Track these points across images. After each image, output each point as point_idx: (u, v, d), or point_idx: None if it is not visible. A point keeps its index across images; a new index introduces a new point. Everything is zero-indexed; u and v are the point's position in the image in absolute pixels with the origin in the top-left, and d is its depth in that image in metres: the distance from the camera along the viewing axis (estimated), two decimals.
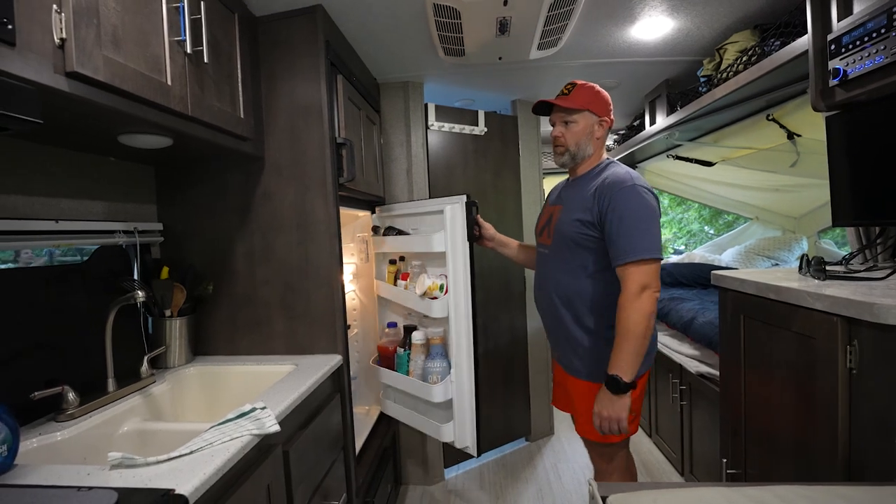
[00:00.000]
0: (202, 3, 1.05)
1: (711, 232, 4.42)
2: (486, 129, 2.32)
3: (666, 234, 4.99)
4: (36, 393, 0.93)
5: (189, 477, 0.70)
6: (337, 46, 1.51)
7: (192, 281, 1.37)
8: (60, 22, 0.73)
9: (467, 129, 2.26)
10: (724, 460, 1.29)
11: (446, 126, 2.19)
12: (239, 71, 1.26)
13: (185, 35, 0.99)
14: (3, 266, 1.07)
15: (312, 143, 1.38)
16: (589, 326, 1.24)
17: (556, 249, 1.29)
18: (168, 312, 1.31)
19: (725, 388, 1.35)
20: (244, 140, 1.28)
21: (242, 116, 1.25)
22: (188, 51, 1.01)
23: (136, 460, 0.75)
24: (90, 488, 0.68)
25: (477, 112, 2.30)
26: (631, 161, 3.37)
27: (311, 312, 1.40)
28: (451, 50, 1.71)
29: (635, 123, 2.80)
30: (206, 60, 1.07)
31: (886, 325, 0.76)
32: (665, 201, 5.02)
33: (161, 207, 1.45)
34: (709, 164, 2.60)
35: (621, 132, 3.06)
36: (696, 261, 3.00)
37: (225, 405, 1.31)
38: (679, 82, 2.24)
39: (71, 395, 0.99)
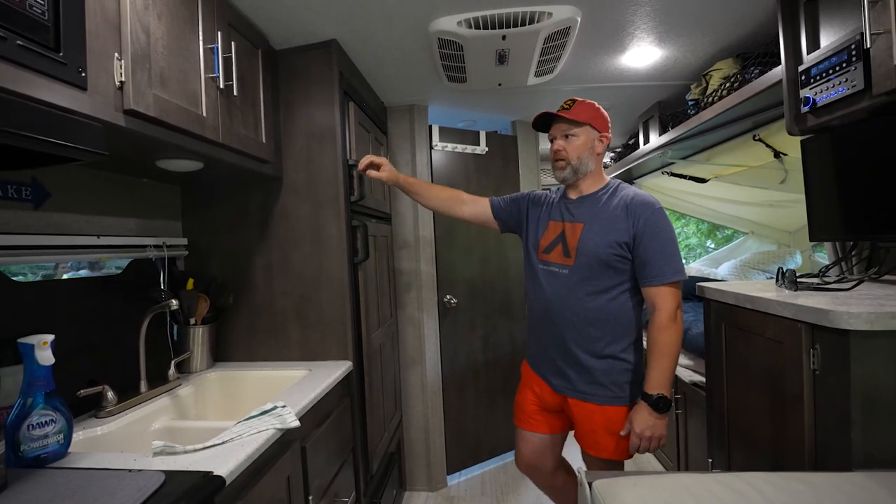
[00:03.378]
0: (232, 42, 1.18)
1: (711, 246, 4.50)
2: (487, 149, 2.44)
3: None
4: (81, 391, 1.04)
5: (224, 462, 0.80)
6: (349, 76, 1.64)
7: (215, 292, 1.48)
8: (121, 67, 0.86)
9: (469, 148, 2.39)
10: (710, 460, 1.36)
11: (449, 146, 2.32)
12: (262, 100, 1.39)
13: (218, 72, 1.12)
14: (34, 278, 1.19)
15: (326, 165, 1.51)
16: (611, 349, 1.22)
17: (581, 270, 1.22)
18: (193, 321, 1.42)
19: (711, 393, 1.43)
20: (265, 163, 1.40)
21: (264, 141, 1.38)
22: (221, 86, 1.14)
23: (176, 448, 0.85)
24: (140, 471, 0.78)
25: (478, 132, 2.43)
26: (628, 177, 3.48)
27: (324, 321, 1.50)
28: (454, 77, 1.85)
29: (630, 142, 2.92)
30: (235, 93, 1.19)
31: (840, 330, 0.86)
32: None
33: (186, 223, 1.57)
34: (702, 180, 2.71)
35: (617, 150, 3.18)
36: (693, 274, 3.08)
37: (243, 406, 1.40)
38: (670, 104, 2.36)
39: (110, 394, 1.10)
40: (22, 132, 0.63)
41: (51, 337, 0.86)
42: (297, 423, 1.00)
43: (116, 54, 0.85)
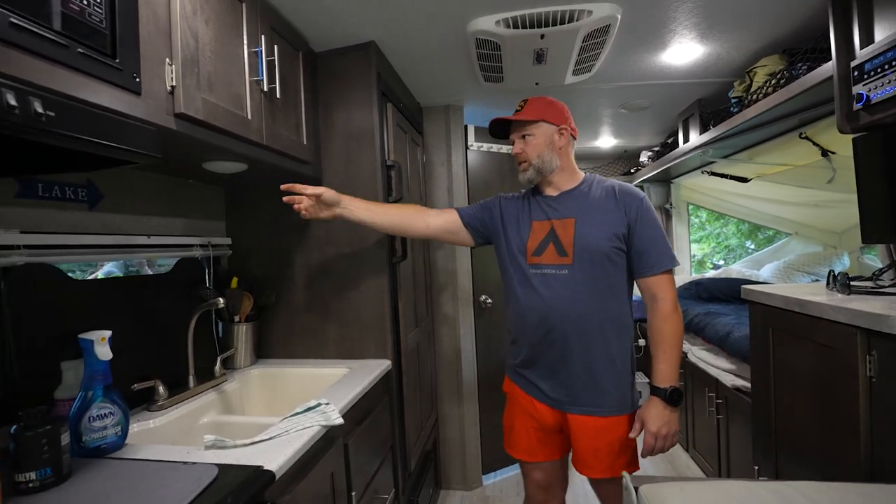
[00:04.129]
0: (275, 46, 1.20)
1: (752, 247, 4.32)
2: None
3: (704, 249, 4.90)
4: (136, 385, 1.08)
5: (273, 457, 0.81)
6: (386, 77, 1.65)
7: (258, 290, 1.51)
8: (172, 72, 0.88)
9: (504, 148, 2.37)
10: (756, 467, 1.30)
11: (485, 146, 2.30)
12: (302, 102, 1.41)
13: (262, 75, 1.15)
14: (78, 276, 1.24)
15: (365, 166, 1.52)
16: (620, 351, 1.16)
17: (583, 267, 1.14)
18: (237, 318, 1.46)
19: (756, 399, 1.37)
20: (306, 164, 1.43)
21: (305, 143, 1.40)
22: (264, 88, 1.16)
23: (227, 442, 0.87)
24: (194, 463, 0.80)
25: None
26: (666, 177, 3.38)
27: (363, 320, 1.52)
28: (491, 77, 1.83)
29: (669, 140, 2.83)
30: (277, 95, 1.22)
31: None
32: (703, 216, 4.94)
33: (229, 223, 1.62)
34: (744, 179, 2.59)
35: (655, 149, 3.08)
36: (734, 276, 2.96)
37: (285, 403, 1.43)
38: (711, 101, 2.27)
39: (161, 389, 1.14)
40: (83, 136, 0.65)
41: (108, 333, 0.90)
42: (340, 421, 1.01)
43: (167, 59, 0.88)
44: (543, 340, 1.18)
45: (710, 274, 3.36)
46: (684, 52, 1.74)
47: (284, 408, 1.41)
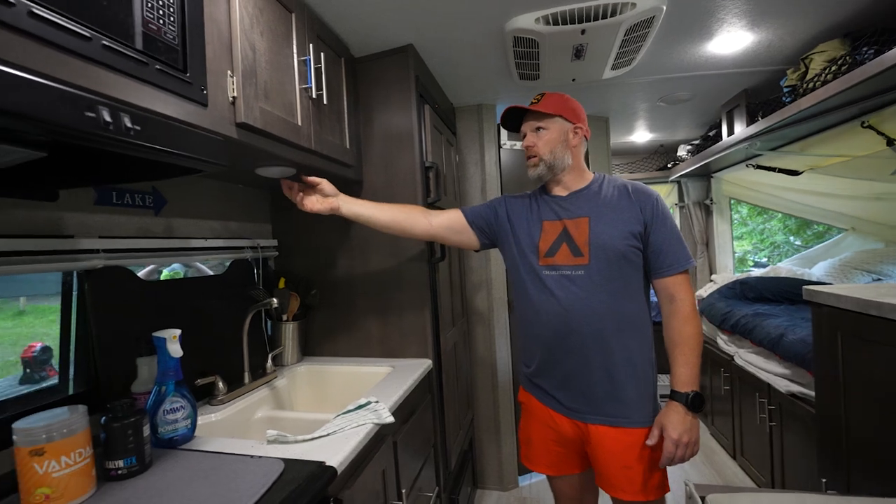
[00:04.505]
0: (322, 54, 1.24)
1: (798, 243, 4.11)
2: None
3: (745, 246, 4.69)
4: (199, 380, 1.14)
5: (334, 453, 0.85)
6: (424, 79, 1.67)
7: (303, 290, 1.57)
8: (233, 83, 0.93)
9: None
10: (824, 480, 1.24)
11: (518, 145, 2.29)
12: (345, 107, 1.45)
13: (311, 82, 1.19)
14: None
15: (404, 168, 1.54)
16: (641, 356, 1.10)
17: (600, 267, 1.08)
18: (285, 317, 1.51)
19: (822, 408, 1.30)
20: (349, 167, 1.46)
21: (348, 146, 1.44)
22: (313, 95, 1.20)
23: (288, 438, 0.91)
24: (260, 457, 0.84)
25: None
26: (706, 171, 3.26)
27: (404, 320, 1.54)
28: (527, 74, 1.82)
29: (711, 133, 2.73)
30: (325, 102, 1.25)
31: None
32: (743, 211, 4.74)
33: (274, 225, 1.68)
34: (795, 172, 2.46)
35: (695, 142, 2.98)
36: (783, 274, 2.82)
37: (331, 399, 1.48)
38: (759, 92, 2.17)
39: (220, 384, 1.20)
40: (163, 147, 0.70)
41: (178, 331, 0.95)
42: (391, 419, 1.03)
43: (229, 71, 0.92)
44: (560, 346, 1.11)
45: (756, 272, 3.21)
46: (732, 40, 1.68)
47: (331, 404, 1.46)
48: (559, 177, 1.18)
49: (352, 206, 1.23)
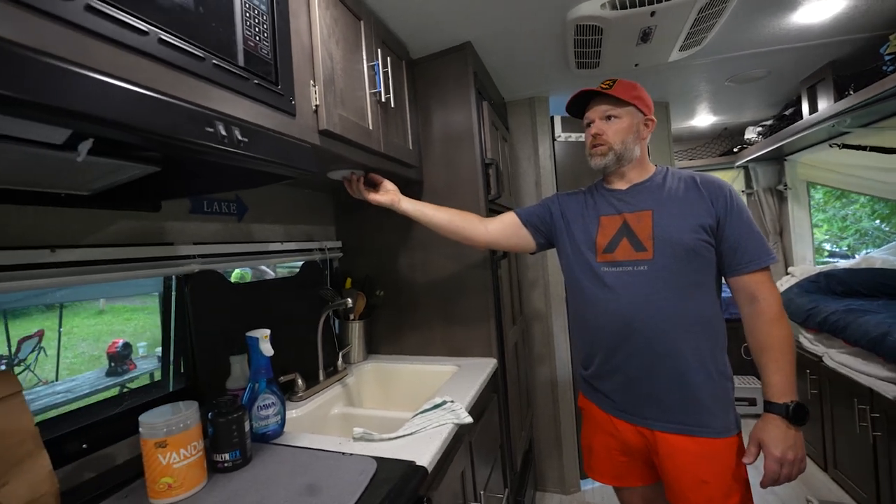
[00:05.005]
0: (388, 58, 1.26)
1: (886, 228, 3.71)
2: None
3: (820, 235, 4.30)
4: (282, 377, 1.20)
5: (422, 453, 0.86)
6: (481, 75, 1.66)
7: (368, 289, 1.61)
8: (315, 92, 0.96)
9: None
10: None
11: (573, 136, 2.23)
12: (407, 108, 1.46)
13: (379, 87, 1.21)
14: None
15: (464, 166, 1.54)
16: (714, 361, 1.01)
17: (665, 262, 1.01)
18: (351, 316, 1.56)
19: None
20: (411, 167, 1.48)
21: (411, 148, 1.45)
22: (381, 99, 1.22)
23: (374, 436, 0.94)
24: (351, 454, 0.87)
25: None
26: (778, 154, 3.02)
27: (467, 318, 1.55)
28: (585, 63, 1.76)
29: (786, 113, 2.52)
30: (392, 105, 1.27)
31: None
32: (818, 195, 4.34)
33: (338, 227, 1.73)
34: (891, 150, 2.22)
35: (766, 123, 2.76)
36: (877, 266, 2.56)
37: (398, 397, 1.51)
38: (848, 63, 1.98)
39: (300, 381, 1.25)
40: (266, 157, 0.73)
41: (269, 331, 1.00)
42: (470, 420, 1.04)
43: (311, 81, 0.95)
44: (623, 347, 1.05)
45: (844, 264, 2.94)
46: (821, 8, 1.53)
47: (398, 402, 1.49)
48: (623, 169, 1.12)
49: (412, 202, 1.26)
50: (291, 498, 0.73)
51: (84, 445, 0.87)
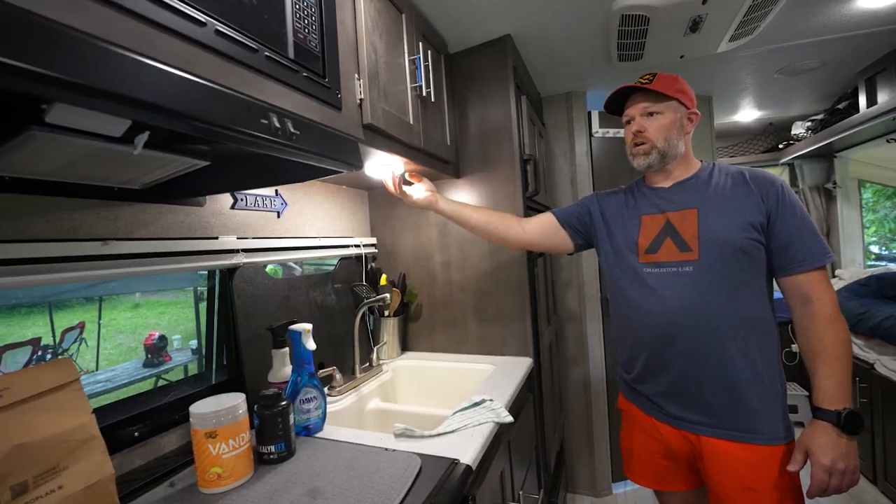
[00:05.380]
0: (429, 52, 1.24)
1: None
2: None
3: (865, 237, 4.06)
4: (320, 371, 1.20)
5: (465, 451, 0.84)
6: (520, 69, 1.62)
7: (402, 286, 1.60)
8: (360, 86, 0.95)
9: None
10: None
11: (611, 132, 2.16)
12: (445, 103, 1.44)
13: (421, 81, 1.19)
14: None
15: (502, 162, 1.51)
16: (764, 365, 0.96)
17: (712, 263, 0.97)
18: (386, 313, 1.56)
19: None
20: (448, 164, 1.46)
21: (448, 143, 1.44)
22: (422, 94, 1.20)
23: (415, 432, 0.93)
24: (394, 450, 0.86)
25: None
26: (828, 151, 2.86)
27: (503, 316, 1.52)
28: (628, 56, 1.70)
29: (839, 106, 2.38)
30: (432, 99, 1.26)
31: None
32: (867, 194, 4.10)
33: (373, 224, 1.73)
34: None
35: (816, 118, 2.62)
36: None
37: (432, 394, 1.50)
38: None
39: (338, 376, 1.26)
40: (317, 151, 0.73)
41: (311, 326, 1.00)
42: (510, 419, 1.01)
43: (356, 74, 0.95)
44: (667, 350, 1.01)
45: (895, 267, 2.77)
46: None
47: (433, 399, 1.48)
48: (668, 167, 1.07)
49: (449, 203, 1.25)
50: (339, 491, 0.73)
51: (136, 434, 0.89)
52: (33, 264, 0.75)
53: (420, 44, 1.21)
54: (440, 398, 1.47)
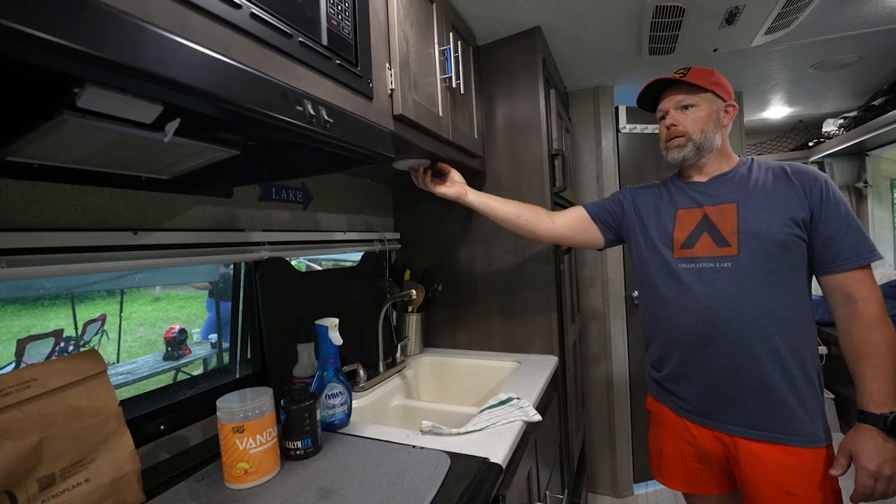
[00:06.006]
0: (458, 43, 1.21)
1: None
2: None
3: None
4: (345, 367, 1.19)
5: (495, 450, 0.82)
6: (549, 62, 1.58)
7: (427, 281, 1.58)
8: (391, 76, 0.93)
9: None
10: None
11: (638, 128, 2.11)
12: (473, 96, 1.42)
13: (450, 72, 1.16)
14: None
15: (530, 156, 1.48)
16: (804, 365, 0.93)
17: (752, 258, 0.94)
18: (410, 308, 1.54)
19: None
20: (475, 157, 1.43)
21: (476, 137, 1.41)
22: (452, 85, 1.18)
23: (442, 429, 0.90)
24: (422, 448, 0.84)
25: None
26: (859, 149, 2.76)
27: (528, 314, 1.49)
28: (659, 49, 1.65)
29: (874, 103, 2.29)
30: (461, 92, 1.23)
31: None
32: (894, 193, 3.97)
33: (396, 218, 1.71)
34: None
35: (850, 115, 2.52)
36: None
37: (455, 391, 1.48)
38: None
39: (362, 372, 1.24)
40: (350, 141, 0.71)
41: (337, 320, 0.99)
42: (538, 417, 0.99)
43: (387, 64, 0.92)
44: (703, 348, 0.98)
45: None
46: None
47: (456, 396, 1.46)
48: (703, 161, 1.05)
49: (478, 195, 1.22)
50: (367, 489, 0.71)
51: (161, 427, 0.88)
52: (63, 253, 0.74)
53: (450, 34, 1.18)
54: (464, 395, 1.45)
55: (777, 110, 2.71)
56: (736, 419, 0.96)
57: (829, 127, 2.68)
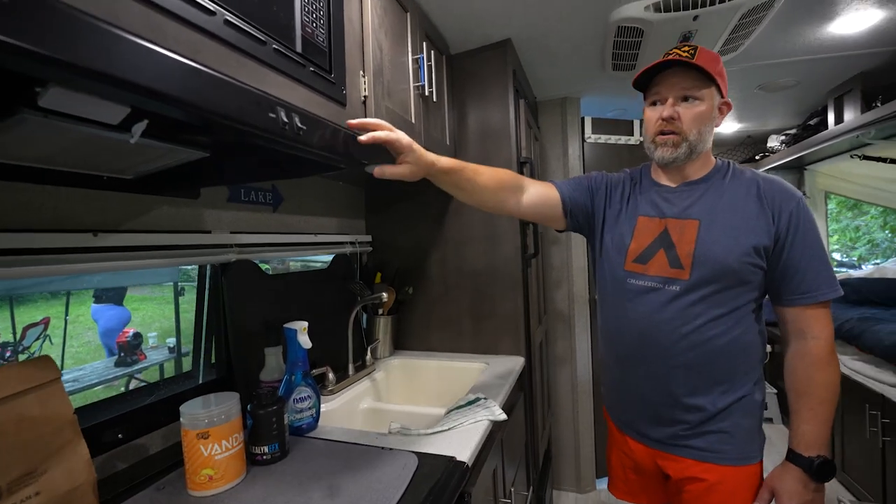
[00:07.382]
0: (432, 52, 1.24)
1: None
2: (641, 138, 2.28)
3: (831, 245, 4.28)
4: (314, 370, 1.18)
5: (461, 449, 0.85)
6: (518, 73, 1.64)
7: (398, 284, 1.59)
8: (364, 83, 0.94)
9: (623, 139, 2.25)
10: None
11: (602, 138, 2.21)
12: (445, 103, 1.44)
13: (423, 80, 1.19)
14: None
15: (500, 163, 1.51)
16: (739, 388, 0.90)
17: (701, 286, 0.87)
18: (380, 311, 1.54)
19: None
20: None
21: (448, 143, 1.44)
22: (424, 93, 1.20)
23: (411, 431, 0.92)
24: (391, 449, 0.86)
25: (632, 122, 2.29)
26: (800, 164, 3.00)
27: (497, 316, 1.53)
28: (621, 65, 1.74)
29: (811, 122, 2.50)
30: (434, 99, 1.25)
31: None
32: (831, 205, 4.32)
33: (368, 221, 1.72)
34: None
35: (790, 132, 2.74)
36: (889, 276, 2.57)
37: (425, 393, 1.50)
38: (878, 75, 1.95)
39: (331, 375, 1.24)
40: (322, 148, 0.72)
41: (306, 323, 0.99)
42: (504, 417, 1.02)
43: (361, 71, 0.94)
44: (637, 368, 0.95)
45: (858, 273, 2.93)
46: (858, 19, 1.51)
47: (425, 398, 1.48)
48: (685, 163, 0.92)
49: (447, 160, 0.97)
50: (335, 491, 0.72)
51: (119, 435, 0.85)
52: (14, 255, 0.71)
53: (423, 43, 1.20)
54: (433, 397, 1.47)
55: (728, 125, 2.91)
56: (666, 438, 0.94)
57: (773, 142, 2.90)
